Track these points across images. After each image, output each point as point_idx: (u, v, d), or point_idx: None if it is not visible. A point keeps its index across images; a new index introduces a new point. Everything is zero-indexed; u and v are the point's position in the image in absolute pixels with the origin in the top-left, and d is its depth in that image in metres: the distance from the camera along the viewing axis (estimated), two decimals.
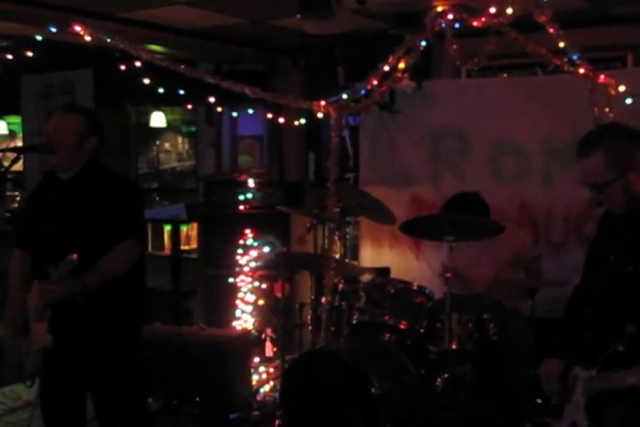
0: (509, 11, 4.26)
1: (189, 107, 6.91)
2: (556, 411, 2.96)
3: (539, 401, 4.25)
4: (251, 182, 6.26)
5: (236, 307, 5.92)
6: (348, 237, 6.16)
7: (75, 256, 3.08)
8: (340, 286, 4.84)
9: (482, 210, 4.74)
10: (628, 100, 4.42)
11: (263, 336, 5.97)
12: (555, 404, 2.92)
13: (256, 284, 5.93)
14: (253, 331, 5.83)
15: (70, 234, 3.26)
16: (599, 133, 2.81)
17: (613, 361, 2.61)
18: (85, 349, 3.31)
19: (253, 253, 5.93)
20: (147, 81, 5.53)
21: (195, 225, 6.97)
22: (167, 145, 8.06)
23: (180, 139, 8.01)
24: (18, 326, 3.36)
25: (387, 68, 4.74)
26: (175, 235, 6.93)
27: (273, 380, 5.30)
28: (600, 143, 2.70)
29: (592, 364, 2.68)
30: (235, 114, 6.79)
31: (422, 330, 4.43)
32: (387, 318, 4.50)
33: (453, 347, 4.24)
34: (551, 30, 4.25)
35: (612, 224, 2.82)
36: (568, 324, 2.96)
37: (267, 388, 5.25)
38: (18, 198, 8.37)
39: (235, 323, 5.89)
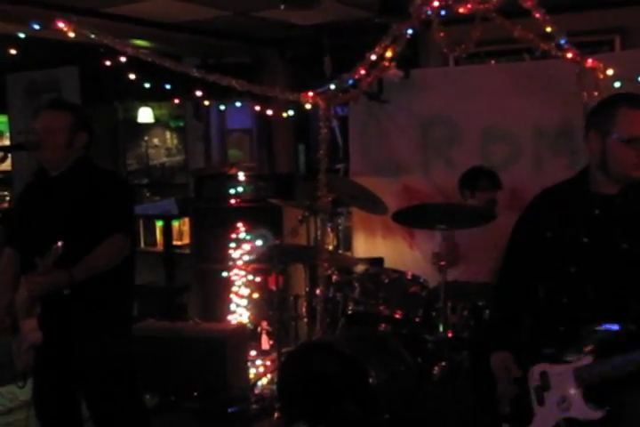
0: None
1: (176, 101, 6.88)
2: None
3: None
4: (241, 176, 6.24)
5: (230, 301, 5.90)
6: (340, 228, 6.16)
7: (59, 244, 3.04)
8: (334, 277, 4.83)
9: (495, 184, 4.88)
10: (617, 84, 4.41)
11: (259, 329, 5.97)
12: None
13: (250, 277, 5.92)
14: (249, 324, 5.82)
15: (57, 229, 3.25)
16: None
17: (620, 343, 2.48)
18: (74, 345, 3.30)
19: (246, 247, 5.91)
20: (132, 76, 5.49)
21: (186, 220, 6.95)
22: (156, 140, 8.03)
23: (168, 134, 7.98)
24: (5, 324, 3.35)
25: (374, 57, 4.72)
26: (167, 230, 6.92)
27: (270, 373, 5.29)
28: None
29: (573, 354, 2.55)
30: (222, 107, 6.76)
31: (418, 319, 4.42)
32: (382, 307, 4.49)
33: (449, 335, 4.24)
34: (537, 15, 4.23)
35: (574, 205, 2.69)
36: (512, 320, 2.80)
37: (264, 381, 5.24)
38: (7, 198, 8.34)
39: (230, 317, 5.88)
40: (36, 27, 4.86)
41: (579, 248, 2.64)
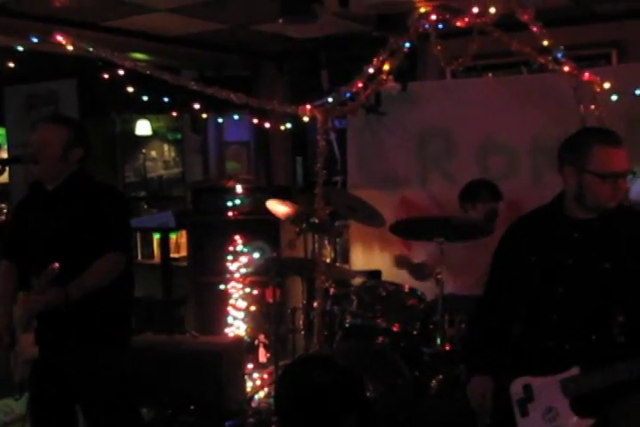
0: (492, 10, 4.26)
1: (174, 114, 6.89)
2: None
3: None
4: (239, 188, 6.25)
5: (227, 314, 5.89)
6: (338, 240, 6.14)
7: (56, 265, 3.06)
8: (332, 290, 4.83)
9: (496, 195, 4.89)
10: (614, 97, 4.43)
11: (256, 342, 5.95)
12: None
13: (247, 290, 5.91)
14: (246, 337, 5.80)
15: (53, 244, 3.24)
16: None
17: (608, 355, 2.59)
18: (71, 361, 3.29)
19: (243, 260, 5.91)
20: (130, 89, 5.50)
21: (184, 233, 6.94)
22: (153, 153, 8.02)
23: (166, 146, 7.98)
24: (4, 342, 3.34)
25: (371, 70, 4.74)
26: (164, 243, 6.90)
27: (267, 386, 5.27)
28: None
29: (562, 368, 2.64)
30: (220, 120, 6.77)
31: (415, 332, 4.42)
32: (379, 320, 4.49)
33: (447, 348, 4.23)
34: (535, 29, 4.25)
35: (553, 230, 2.83)
36: (490, 339, 2.93)
37: (261, 394, 5.23)
38: (4, 211, 8.33)
39: (227, 330, 5.87)
40: (35, 40, 4.88)
41: (564, 270, 2.78)
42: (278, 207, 5.19)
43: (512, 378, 2.76)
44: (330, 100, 5.03)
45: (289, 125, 5.95)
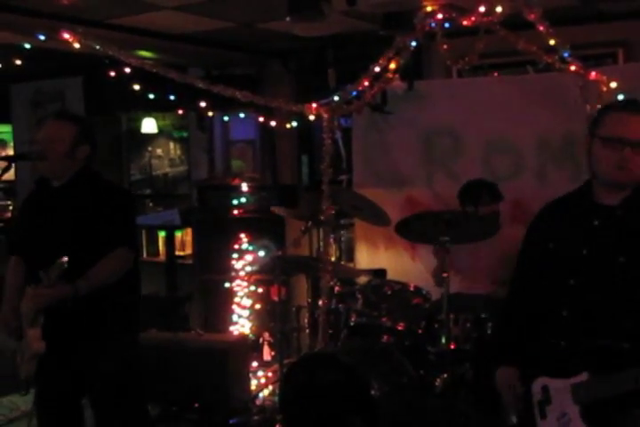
0: (499, 9, 4.26)
1: (180, 112, 6.90)
2: None
3: None
4: (244, 187, 6.26)
5: (232, 312, 5.90)
6: (343, 239, 6.15)
7: (64, 259, 3.07)
8: (337, 288, 4.83)
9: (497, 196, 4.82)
10: (620, 97, 4.41)
11: (261, 340, 5.96)
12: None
13: (252, 288, 5.92)
14: (251, 335, 5.82)
15: (60, 241, 3.25)
16: None
17: (615, 361, 2.45)
18: (79, 356, 3.30)
19: (249, 258, 5.92)
20: (137, 87, 5.51)
21: (189, 230, 6.95)
22: (159, 151, 8.03)
23: (171, 144, 7.98)
24: (13, 331, 3.35)
25: (377, 69, 4.74)
26: (170, 241, 6.91)
27: (272, 384, 5.28)
28: None
29: (572, 370, 2.51)
30: (226, 118, 6.78)
31: (420, 331, 4.41)
32: (384, 319, 4.49)
33: (452, 347, 4.22)
34: (541, 28, 4.25)
35: (576, 216, 2.66)
36: (518, 331, 2.78)
37: (266, 392, 5.24)
38: (10, 208, 8.35)
39: (232, 328, 5.88)
40: (42, 37, 4.89)
41: (578, 260, 2.61)
42: None
43: (533, 378, 2.64)
44: (336, 98, 5.03)
45: (295, 124, 5.96)
